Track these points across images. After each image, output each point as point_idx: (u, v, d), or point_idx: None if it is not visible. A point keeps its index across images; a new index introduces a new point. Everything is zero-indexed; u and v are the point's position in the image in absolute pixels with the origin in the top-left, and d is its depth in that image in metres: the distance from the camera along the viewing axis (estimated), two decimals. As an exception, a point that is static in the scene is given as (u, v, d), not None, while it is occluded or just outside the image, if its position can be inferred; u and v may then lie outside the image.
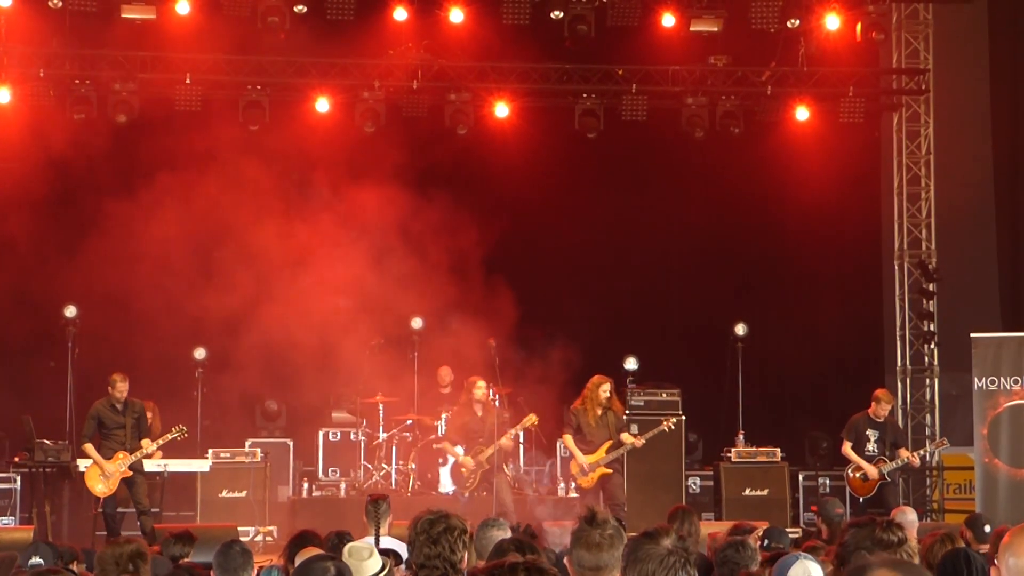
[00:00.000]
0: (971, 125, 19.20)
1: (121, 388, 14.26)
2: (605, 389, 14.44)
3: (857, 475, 14.93)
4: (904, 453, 14.96)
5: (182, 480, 15.57)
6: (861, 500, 14.82)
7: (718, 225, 18.88)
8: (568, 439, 14.59)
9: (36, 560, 7.62)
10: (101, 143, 16.59)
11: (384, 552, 7.32)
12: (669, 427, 15.16)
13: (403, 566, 7.19)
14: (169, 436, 14.36)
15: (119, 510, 14.52)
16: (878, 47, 18.43)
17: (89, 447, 14.21)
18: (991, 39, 19.39)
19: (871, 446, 14.88)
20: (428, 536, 5.77)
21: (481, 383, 14.91)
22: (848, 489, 15.08)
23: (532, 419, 14.89)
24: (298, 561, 7.06)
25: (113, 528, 14.15)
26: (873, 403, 14.96)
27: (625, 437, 14.52)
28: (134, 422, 14.32)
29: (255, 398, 17.17)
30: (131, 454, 14.17)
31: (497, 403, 15.53)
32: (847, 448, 14.94)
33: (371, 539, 8.41)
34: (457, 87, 17.66)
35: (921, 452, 15.64)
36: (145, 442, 14.25)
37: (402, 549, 7.04)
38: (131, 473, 14.18)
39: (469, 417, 14.98)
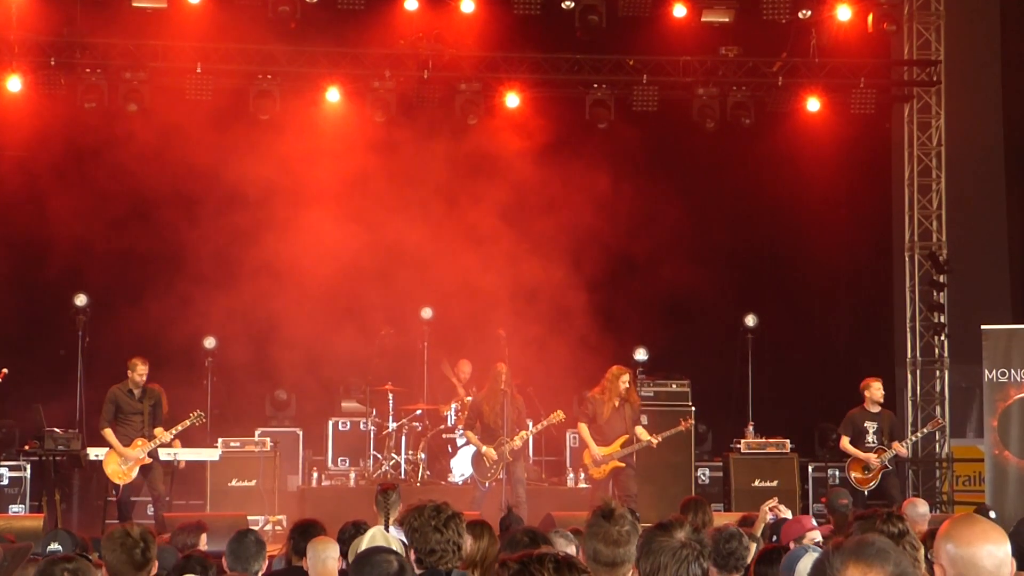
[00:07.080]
0: (982, 117, 19.16)
1: (141, 371, 14.11)
2: (624, 380, 14.36)
3: (858, 469, 14.83)
4: (896, 446, 14.81)
5: (192, 469, 15.54)
6: (865, 492, 14.74)
7: (728, 216, 18.87)
8: (583, 428, 14.49)
9: (55, 547, 7.59)
10: (112, 132, 16.60)
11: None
12: (688, 428, 15.17)
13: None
14: (187, 422, 14.24)
15: (131, 498, 14.50)
16: (890, 38, 18.39)
17: (108, 432, 14.10)
18: (1003, 31, 19.36)
19: (871, 438, 14.77)
20: (437, 523, 5.98)
21: (506, 371, 14.56)
22: (852, 482, 15.02)
23: (559, 415, 14.65)
24: (308, 550, 7.07)
25: (126, 515, 14.05)
26: (864, 392, 14.87)
27: (641, 433, 14.41)
28: (151, 409, 14.23)
29: (265, 387, 17.18)
30: (148, 441, 14.15)
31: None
32: (845, 443, 14.82)
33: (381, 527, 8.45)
34: (468, 77, 17.65)
35: (905, 441, 15.44)
36: (159, 430, 14.14)
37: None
38: (149, 460, 14.12)
39: (492, 405, 14.70)
